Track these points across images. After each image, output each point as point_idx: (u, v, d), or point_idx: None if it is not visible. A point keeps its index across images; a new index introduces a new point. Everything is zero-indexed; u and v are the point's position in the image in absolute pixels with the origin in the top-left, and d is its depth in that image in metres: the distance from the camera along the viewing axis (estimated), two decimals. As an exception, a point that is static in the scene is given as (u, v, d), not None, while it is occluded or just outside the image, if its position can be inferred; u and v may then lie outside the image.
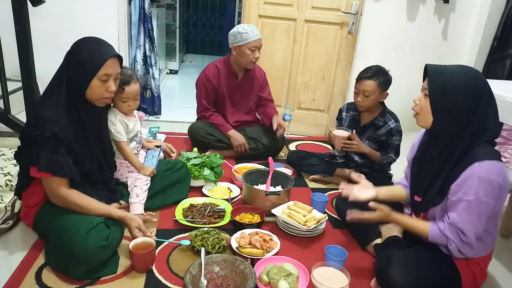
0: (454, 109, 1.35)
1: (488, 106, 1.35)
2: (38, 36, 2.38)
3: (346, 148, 2.24)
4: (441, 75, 1.37)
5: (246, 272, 1.51)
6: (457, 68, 1.39)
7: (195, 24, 7.71)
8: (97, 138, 1.70)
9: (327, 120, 3.51)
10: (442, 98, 1.36)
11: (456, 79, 1.34)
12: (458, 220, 1.35)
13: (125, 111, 1.90)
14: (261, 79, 2.84)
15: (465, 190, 1.32)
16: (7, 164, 1.94)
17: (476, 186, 1.30)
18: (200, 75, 2.75)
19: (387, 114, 2.32)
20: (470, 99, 1.33)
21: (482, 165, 1.30)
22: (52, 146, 1.45)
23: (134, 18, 3.28)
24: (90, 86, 1.53)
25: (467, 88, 1.33)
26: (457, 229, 1.36)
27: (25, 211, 1.64)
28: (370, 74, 2.19)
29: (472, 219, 1.33)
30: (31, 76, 2.13)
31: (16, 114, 2.40)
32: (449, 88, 1.34)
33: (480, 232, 1.36)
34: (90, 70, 1.51)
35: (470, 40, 3.44)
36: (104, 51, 1.55)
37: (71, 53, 1.54)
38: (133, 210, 1.83)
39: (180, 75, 5.89)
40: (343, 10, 3.17)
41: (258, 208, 1.97)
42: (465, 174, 1.32)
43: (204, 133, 2.66)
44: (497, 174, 1.30)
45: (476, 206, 1.31)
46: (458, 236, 1.36)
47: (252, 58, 2.59)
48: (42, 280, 1.46)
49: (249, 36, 2.53)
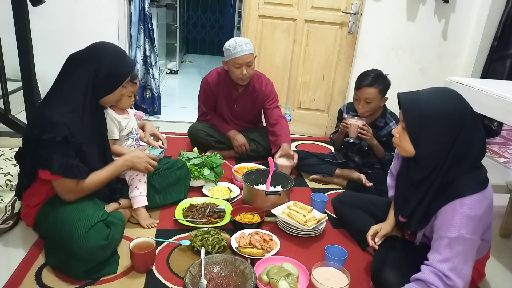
0: (436, 139, 1.26)
1: (472, 130, 1.26)
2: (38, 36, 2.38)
3: (363, 135, 2.21)
4: (415, 103, 1.27)
5: (246, 272, 1.51)
6: (432, 93, 1.29)
7: (195, 24, 7.72)
8: (100, 138, 1.71)
9: (327, 120, 3.51)
10: (420, 129, 1.26)
11: (433, 107, 1.25)
12: (439, 259, 1.23)
13: (127, 106, 1.91)
14: (267, 92, 2.66)
15: (446, 227, 1.24)
16: (7, 164, 1.94)
17: (458, 223, 1.22)
18: (203, 78, 2.70)
19: (388, 115, 2.32)
20: (451, 126, 1.24)
21: (463, 201, 1.23)
22: (63, 149, 1.46)
23: (134, 18, 3.28)
24: (114, 92, 1.63)
25: (446, 116, 1.24)
26: (438, 271, 1.22)
27: (26, 210, 1.64)
28: (370, 81, 2.17)
29: (454, 258, 1.21)
30: (31, 76, 2.13)
31: (16, 114, 2.40)
32: (427, 117, 1.24)
33: (467, 274, 1.23)
34: (120, 80, 1.63)
35: (470, 40, 3.44)
36: (129, 60, 1.66)
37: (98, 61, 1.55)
38: (137, 204, 1.84)
39: (180, 75, 5.89)
40: (343, 10, 3.17)
41: (258, 208, 1.97)
42: (446, 211, 1.26)
43: (204, 134, 2.66)
44: (479, 208, 1.23)
45: (458, 244, 1.21)
46: (440, 280, 1.22)
47: (238, 75, 2.44)
48: (42, 280, 1.46)
49: (231, 52, 2.40)
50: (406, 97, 1.31)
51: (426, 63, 3.43)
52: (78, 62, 1.56)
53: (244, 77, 2.47)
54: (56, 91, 1.54)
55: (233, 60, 2.43)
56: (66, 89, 1.53)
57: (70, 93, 1.52)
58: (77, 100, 1.52)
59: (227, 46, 2.45)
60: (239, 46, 2.40)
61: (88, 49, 1.59)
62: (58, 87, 1.55)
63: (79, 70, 1.54)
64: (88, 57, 1.56)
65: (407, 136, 1.31)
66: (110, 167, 1.68)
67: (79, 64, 1.55)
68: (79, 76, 1.54)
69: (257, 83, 2.64)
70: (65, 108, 1.49)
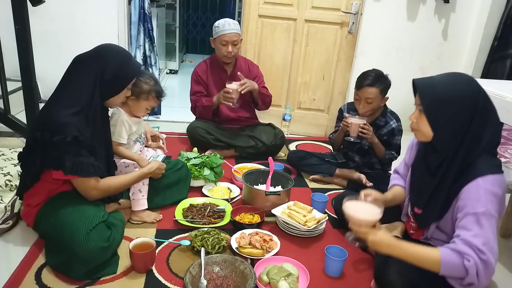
0: (453, 120, 1.30)
1: (486, 110, 1.30)
2: (38, 36, 2.38)
3: (364, 134, 2.21)
4: (431, 87, 1.32)
5: (246, 272, 1.51)
6: (446, 77, 1.34)
7: (195, 24, 7.72)
8: (105, 139, 1.72)
9: (327, 120, 3.50)
10: (438, 112, 1.31)
11: (448, 89, 1.29)
12: (470, 234, 1.20)
13: (140, 115, 1.94)
14: (254, 72, 2.81)
15: (472, 203, 1.23)
16: (7, 164, 1.94)
17: (483, 198, 1.22)
18: (192, 72, 2.81)
19: (389, 114, 2.32)
20: (467, 106, 1.28)
21: (485, 179, 1.24)
22: (75, 149, 1.47)
23: (134, 18, 3.28)
24: (119, 94, 1.64)
25: (461, 97, 1.28)
26: (472, 245, 1.18)
27: (27, 210, 1.64)
28: (371, 81, 2.17)
29: (485, 233, 1.19)
30: (30, 76, 2.13)
31: (16, 114, 2.40)
32: (444, 100, 1.29)
33: (496, 252, 1.20)
34: (126, 82, 1.64)
35: (470, 40, 3.44)
36: (135, 63, 1.67)
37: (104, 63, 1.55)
38: (137, 207, 1.85)
39: (180, 75, 5.89)
40: (343, 10, 3.17)
41: (258, 208, 1.96)
42: (469, 189, 1.26)
43: (203, 132, 2.66)
44: (499, 187, 1.26)
45: (487, 220, 1.21)
46: (475, 253, 1.18)
47: (224, 52, 2.59)
48: (41, 280, 1.45)
49: (219, 30, 2.56)
50: (421, 82, 1.35)
51: (426, 63, 3.43)
52: (84, 64, 1.56)
53: (229, 54, 2.61)
54: (62, 92, 1.54)
55: (220, 37, 2.57)
56: (72, 91, 1.53)
57: (76, 95, 1.52)
58: (83, 101, 1.52)
59: (216, 24, 2.61)
60: (228, 25, 2.57)
61: (94, 51, 1.59)
62: (63, 88, 1.55)
63: (85, 72, 1.55)
64: (94, 58, 1.56)
65: (425, 119, 1.34)
66: (134, 174, 1.77)
67: (85, 66, 1.56)
68: (84, 78, 1.54)
69: (244, 63, 2.81)
70: (72, 109, 1.49)
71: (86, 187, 1.56)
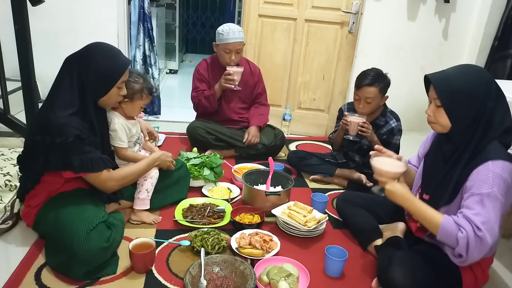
0: (471, 109, 1.34)
1: (498, 98, 1.35)
2: (38, 36, 2.37)
3: (363, 132, 2.21)
4: (446, 81, 1.36)
5: (246, 272, 1.50)
6: (458, 69, 1.38)
7: (195, 24, 7.71)
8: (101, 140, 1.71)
9: (327, 120, 3.50)
10: (456, 103, 1.35)
11: (463, 81, 1.34)
12: (471, 213, 1.26)
13: (135, 115, 1.92)
14: (256, 77, 2.80)
15: (479, 184, 1.28)
16: (6, 164, 1.94)
17: (491, 181, 1.26)
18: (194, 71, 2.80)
19: (388, 114, 2.32)
20: (482, 95, 1.33)
21: (496, 163, 1.28)
22: (79, 147, 1.48)
23: (133, 18, 3.28)
24: (109, 93, 1.60)
25: (476, 86, 1.33)
26: (471, 221, 1.25)
27: (27, 210, 1.63)
28: (371, 81, 2.17)
29: (486, 213, 1.24)
30: (30, 76, 2.13)
31: (15, 114, 2.39)
32: (460, 91, 1.33)
33: (496, 232, 1.26)
34: (112, 80, 1.59)
35: (470, 40, 3.44)
36: (122, 60, 1.62)
37: (88, 62, 1.54)
38: (140, 206, 1.85)
39: (180, 75, 5.88)
40: (344, 10, 3.16)
41: (258, 209, 1.96)
42: (478, 171, 1.30)
43: (203, 132, 2.66)
44: (508, 174, 1.28)
45: (490, 201, 1.25)
46: (471, 227, 1.25)
47: (227, 60, 2.58)
48: (41, 280, 1.45)
49: (224, 37, 2.53)
50: (435, 77, 1.39)
51: (427, 62, 3.43)
52: (70, 64, 1.56)
53: (232, 62, 2.60)
54: (55, 93, 1.54)
55: (224, 45, 2.55)
56: (63, 91, 1.53)
57: (67, 95, 1.52)
58: (76, 101, 1.53)
59: (220, 31, 2.57)
60: (232, 33, 2.53)
61: (81, 51, 1.59)
62: (56, 89, 1.55)
63: (70, 72, 1.55)
64: (78, 58, 1.56)
65: (443, 112, 1.38)
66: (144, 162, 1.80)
67: (71, 66, 1.55)
68: (70, 78, 1.54)
69: (245, 64, 2.76)
70: (67, 110, 1.49)
71: (100, 180, 1.58)
